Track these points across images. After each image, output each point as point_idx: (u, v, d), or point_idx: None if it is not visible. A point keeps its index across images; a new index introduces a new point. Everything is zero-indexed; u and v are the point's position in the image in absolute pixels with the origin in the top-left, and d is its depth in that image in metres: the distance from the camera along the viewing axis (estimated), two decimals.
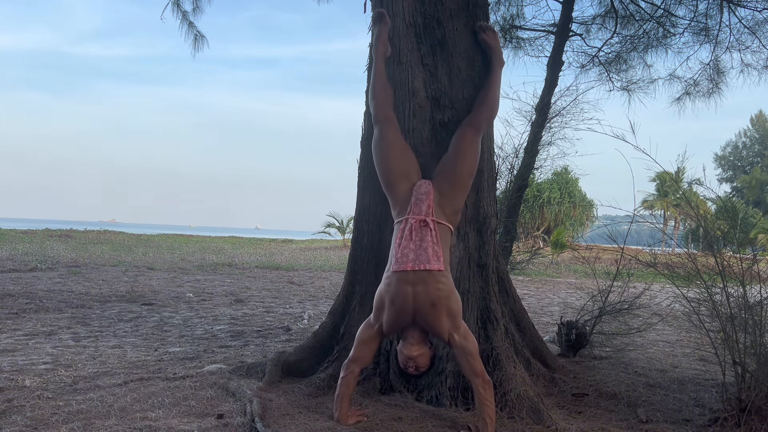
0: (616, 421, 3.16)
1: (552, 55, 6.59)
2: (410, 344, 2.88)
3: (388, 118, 3.28)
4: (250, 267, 14.30)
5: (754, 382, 2.98)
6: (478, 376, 2.84)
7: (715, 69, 7.23)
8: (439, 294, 2.82)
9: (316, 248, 25.80)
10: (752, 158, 53.12)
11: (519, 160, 6.66)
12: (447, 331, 2.84)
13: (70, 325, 5.77)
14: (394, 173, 3.14)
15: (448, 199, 3.03)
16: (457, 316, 2.88)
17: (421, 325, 2.89)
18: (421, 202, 2.99)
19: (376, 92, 3.33)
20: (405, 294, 2.83)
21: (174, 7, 6.63)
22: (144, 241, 24.66)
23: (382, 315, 2.92)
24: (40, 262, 12.11)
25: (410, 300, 2.83)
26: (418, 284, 2.83)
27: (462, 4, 3.50)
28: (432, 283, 2.83)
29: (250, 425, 2.78)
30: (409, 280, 2.84)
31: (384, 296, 2.90)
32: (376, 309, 2.96)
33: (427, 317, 2.83)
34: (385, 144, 3.20)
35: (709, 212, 12.17)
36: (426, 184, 3.07)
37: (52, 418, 2.83)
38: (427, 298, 2.81)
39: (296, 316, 6.96)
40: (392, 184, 3.13)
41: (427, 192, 3.02)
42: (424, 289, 2.82)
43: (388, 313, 2.89)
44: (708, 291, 3.25)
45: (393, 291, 2.86)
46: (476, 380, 2.83)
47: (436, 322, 2.83)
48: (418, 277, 2.83)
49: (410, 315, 2.86)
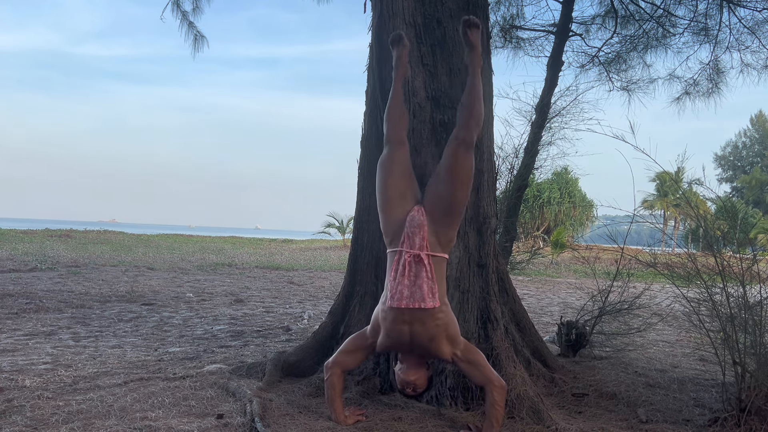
0: (616, 421, 3.16)
1: (552, 55, 6.60)
2: (407, 368, 2.88)
3: (401, 141, 3.13)
4: (250, 267, 14.30)
5: (754, 382, 2.98)
6: (491, 382, 2.82)
7: (715, 69, 7.23)
8: (437, 331, 2.79)
9: (316, 248, 25.80)
10: (752, 158, 53.14)
11: (519, 160, 6.67)
12: (449, 353, 2.84)
13: (70, 325, 5.77)
14: (391, 195, 3.02)
15: (443, 228, 2.90)
16: (456, 338, 2.86)
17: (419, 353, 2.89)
18: (414, 234, 2.87)
19: (391, 115, 3.17)
20: (401, 332, 2.81)
21: (174, 7, 6.63)
22: (144, 241, 24.66)
23: (377, 336, 2.92)
24: (40, 262, 12.11)
25: (407, 338, 2.82)
26: (415, 323, 2.78)
27: (462, 4, 3.51)
28: (429, 321, 2.77)
29: (250, 425, 2.78)
30: (405, 320, 2.78)
31: (381, 323, 2.89)
32: (372, 328, 2.95)
33: (426, 349, 2.84)
34: (391, 165, 3.07)
35: (709, 212, 12.18)
36: (420, 213, 2.92)
37: (52, 418, 2.83)
38: (425, 335, 2.79)
39: (296, 316, 6.96)
40: (388, 206, 3.01)
41: (421, 224, 2.89)
42: (421, 328, 2.78)
43: (383, 340, 2.89)
44: (708, 291, 3.25)
45: (389, 326, 2.83)
46: (490, 386, 2.81)
47: (436, 351, 2.83)
48: (415, 317, 2.77)
49: (407, 347, 2.86)
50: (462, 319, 3.30)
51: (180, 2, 6.64)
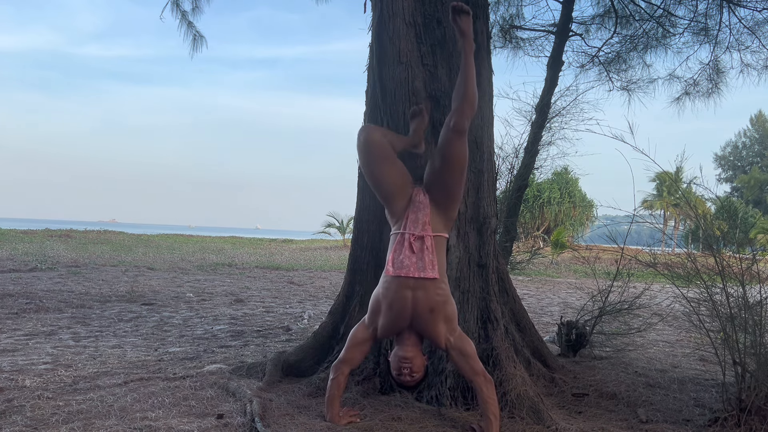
0: (616, 421, 3.16)
1: (552, 55, 6.60)
2: (405, 346, 2.89)
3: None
4: (250, 267, 14.30)
5: (754, 382, 2.98)
6: (479, 375, 2.84)
7: (715, 69, 7.24)
8: (438, 300, 2.84)
9: (316, 248, 25.80)
10: (752, 158, 53.12)
11: (519, 160, 6.67)
12: (443, 335, 2.85)
13: (70, 325, 5.77)
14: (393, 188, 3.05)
15: (445, 210, 3.01)
16: (453, 321, 2.89)
17: (417, 330, 2.90)
18: (417, 215, 2.96)
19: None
20: (404, 298, 2.84)
21: (173, 6, 6.63)
22: (144, 241, 24.66)
23: (377, 318, 2.93)
24: (40, 262, 12.11)
25: (409, 305, 2.84)
26: (419, 289, 2.83)
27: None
28: (432, 289, 2.84)
29: (250, 425, 2.78)
30: (409, 285, 2.84)
31: (381, 300, 2.90)
32: (371, 312, 2.96)
33: (425, 322, 2.85)
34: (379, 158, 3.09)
35: (708, 212, 12.17)
36: (422, 195, 3.01)
37: (52, 418, 2.83)
38: (427, 303, 2.82)
39: (296, 316, 6.96)
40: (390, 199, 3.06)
41: (424, 205, 2.98)
42: (423, 294, 2.83)
43: (384, 316, 2.89)
44: (708, 291, 3.25)
45: (392, 296, 2.86)
46: (477, 379, 2.84)
47: (433, 327, 2.85)
48: (419, 283, 2.84)
49: (407, 320, 2.87)
50: (462, 319, 3.30)
51: (179, 2, 6.63)
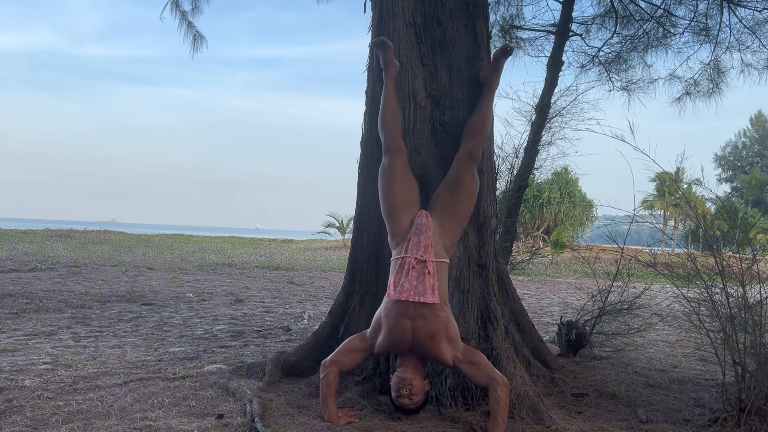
0: (616, 421, 3.16)
1: (552, 55, 6.61)
2: (406, 368, 2.90)
3: (398, 148, 3.24)
4: (250, 267, 14.29)
5: (754, 382, 2.98)
6: (495, 379, 2.85)
7: (716, 69, 7.24)
8: (438, 328, 2.83)
9: (316, 248, 25.80)
10: (752, 158, 53.10)
11: (519, 160, 6.68)
12: (449, 355, 2.87)
13: (70, 325, 5.77)
14: (397, 204, 3.11)
15: (449, 233, 3.04)
16: (456, 340, 2.90)
17: (419, 354, 2.90)
18: (419, 238, 2.96)
19: (386, 120, 3.26)
20: (404, 327, 2.85)
21: (173, 7, 6.63)
22: (144, 241, 24.65)
23: (377, 336, 2.94)
24: (40, 262, 12.11)
25: (409, 333, 2.85)
26: (417, 319, 2.83)
27: (462, 4, 3.51)
28: (431, 317, 2.83)
29: (250, 425, 2.78)
30: (408, 314, 2.84)
31: (382, 322, 2.92)
32: (372, 329, 2.99)
33: (427, 348, 2.86)
34: (392, 174, 3.17)
35: (708, 212, 12.16)
36: (425, 218, 3.02)
37: (52, 418, 2.83)
38: (426, 332, 2.83)
39: (296, 316, 6.96)
40: (394, 214, 3.11)
41: (427, 228, 2.98)
42: (423, 323, 2.83)
43: (383, 338, 2.91)
44: (708, 291, 3.25)
45: (392, 322, 2.87)
46: (494, 384, 2.84)
47: (437, 351, 2.86)
48: (418, 312, 2.83)
49: (407, 345, 2.88)
50: (462, 319, 3.30)
51: (179, 2, 6.64)
